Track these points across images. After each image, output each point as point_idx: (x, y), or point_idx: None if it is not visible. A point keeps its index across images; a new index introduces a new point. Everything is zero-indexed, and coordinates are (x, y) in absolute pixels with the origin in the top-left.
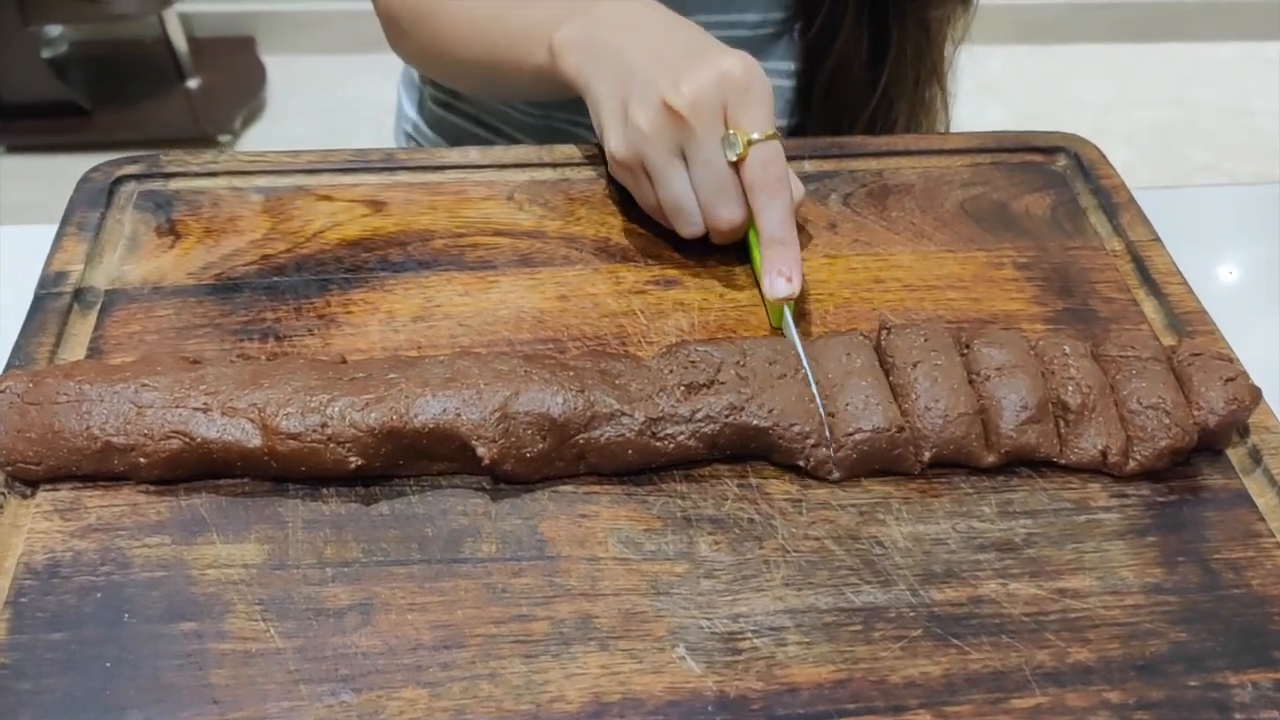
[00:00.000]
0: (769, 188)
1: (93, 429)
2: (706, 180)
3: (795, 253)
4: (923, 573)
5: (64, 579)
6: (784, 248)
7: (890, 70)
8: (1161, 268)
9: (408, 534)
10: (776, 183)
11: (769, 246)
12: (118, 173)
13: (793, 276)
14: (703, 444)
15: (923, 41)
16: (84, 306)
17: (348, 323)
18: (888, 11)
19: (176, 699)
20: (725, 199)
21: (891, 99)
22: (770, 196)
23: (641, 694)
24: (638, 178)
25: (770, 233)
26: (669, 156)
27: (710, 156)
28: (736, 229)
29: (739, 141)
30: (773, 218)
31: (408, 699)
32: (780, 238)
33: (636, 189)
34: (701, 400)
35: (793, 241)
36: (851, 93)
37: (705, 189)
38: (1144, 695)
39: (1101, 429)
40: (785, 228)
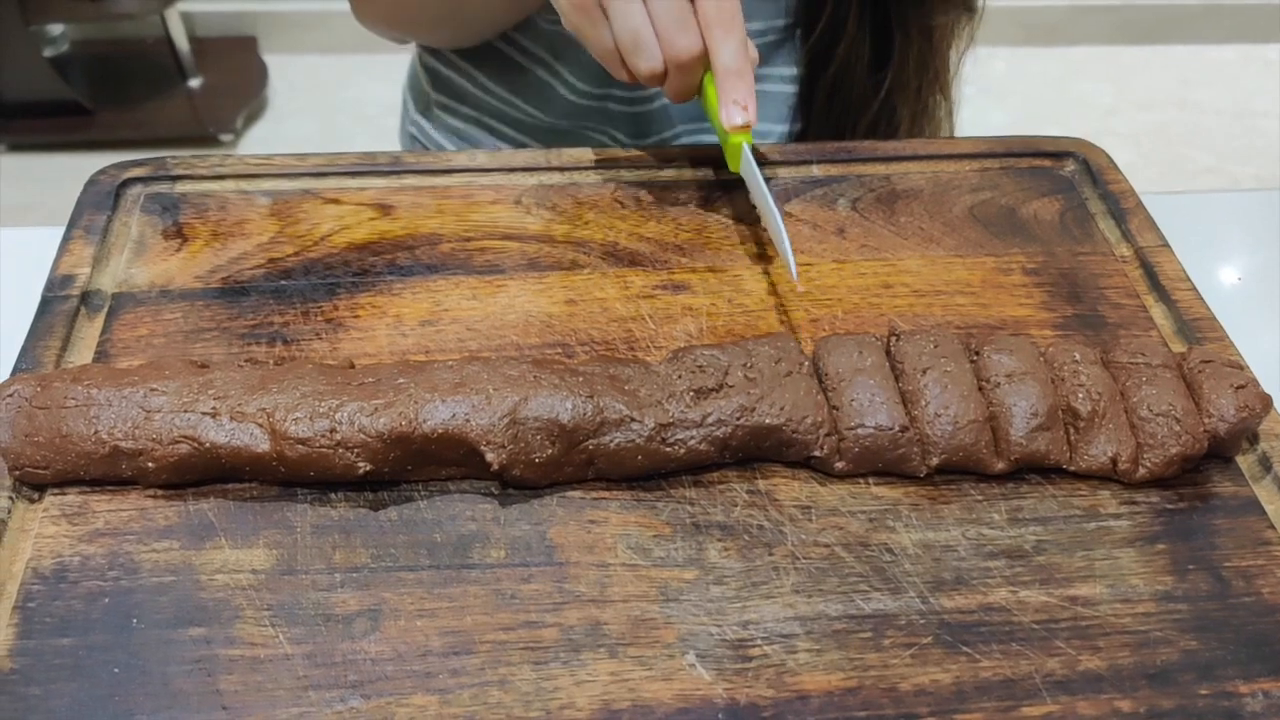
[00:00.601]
0: (724, 22)
1: (101, 433)
2: (663, 10)
3: (750, 84)
4: (932, 580)
5: (72, 584)
6: (739, 78)
7: (893, 77)
8: (1170, 273)
9: (416, 539)
10: (731, 17)
11: (724, 78)
12: (124, 175)
13: (748, 105)
14: (714, 447)
15: (925, 49)
16: (91, 310)
17: (355, 327)
18: (890, 18)
19: (185, 705)
20: (683, 28)
21: (894, 105)
22: (725, 30)
23: (651, 701)
24: (594, 18)
25: (725, 64)
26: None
27: None
28: (691, 61)
29: None
30: (728, 48)
31: (417, 705)
32: (735, 68)
33: (593, 31)
34: (712, 404)
35: (747, 73)
36: (854, 98)
37: (662, 18)
38: (1155, 704)
39: (1112, 436)
40: (740, 59)
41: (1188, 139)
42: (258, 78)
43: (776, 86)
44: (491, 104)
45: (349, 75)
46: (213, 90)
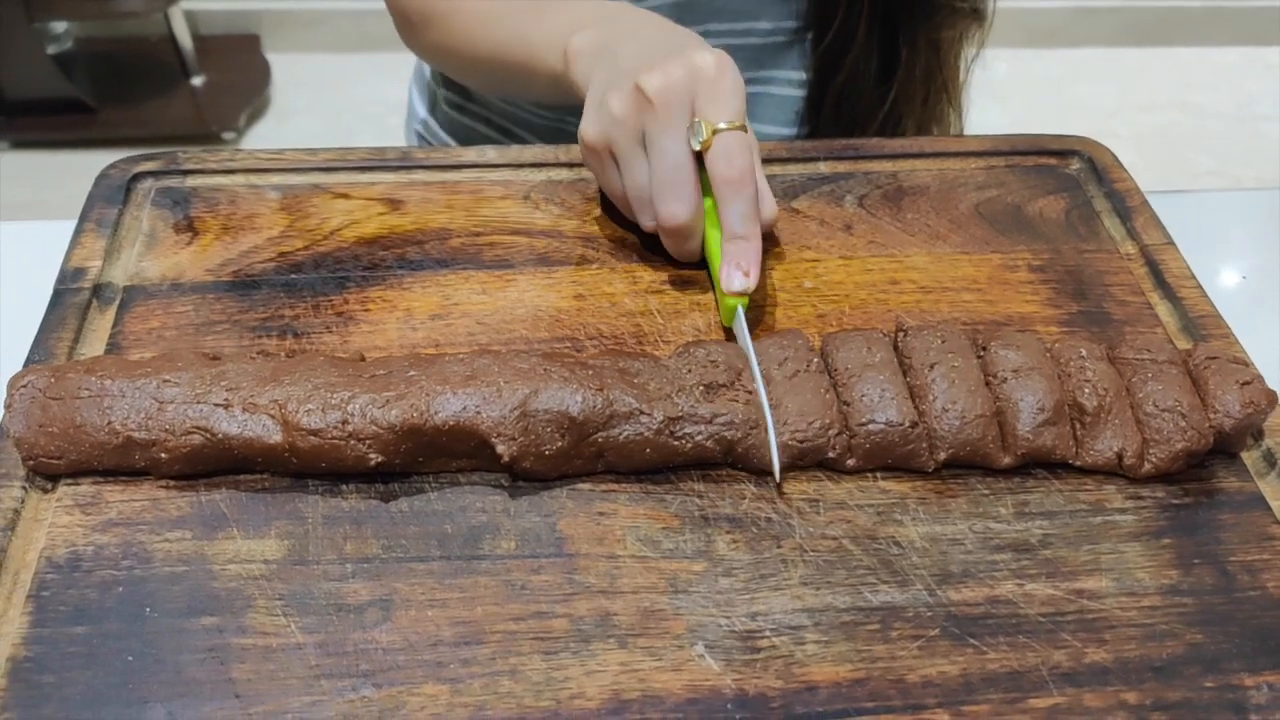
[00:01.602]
0: (733, 181)
1: (114, 424)
2: (661, 168)
3: (756, 249)
4: (940, 573)
5: (85, 573)
6: (745, 243)
7: (899, 86)
8: (1175, 271)
9: (427, 530)
10: (741, 176)
11: (730, 241)
12: (135, 169)
13: (750, 271)
14: (720, 447)
15: (932, 60)
16: (103, 302)
17: (366, 320)
18: (898, 29)
19: (198, 693)
20: (675, 190)
21: (900, 115)
22: (733, 190)
23: (661, 691)
24: (605, 164)
25: (731, 227)
26: (634, 142)
27: (668, 144)
28: (681, 228)
29: (704, 129)
30: (736, 212)
31: (428, 694)
32: (741, 233)
33: (603, 175)
34: (724, 405)
35: (755, 238)
36: (861, 105)
37: (659, 176)
38: (1161, 696)
39: (1117, 431)
40: (747, 223)
41: (1190, 141)
42: (261, 76)
43: (783, 90)
44: (498, 102)
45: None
46: (216, 88)
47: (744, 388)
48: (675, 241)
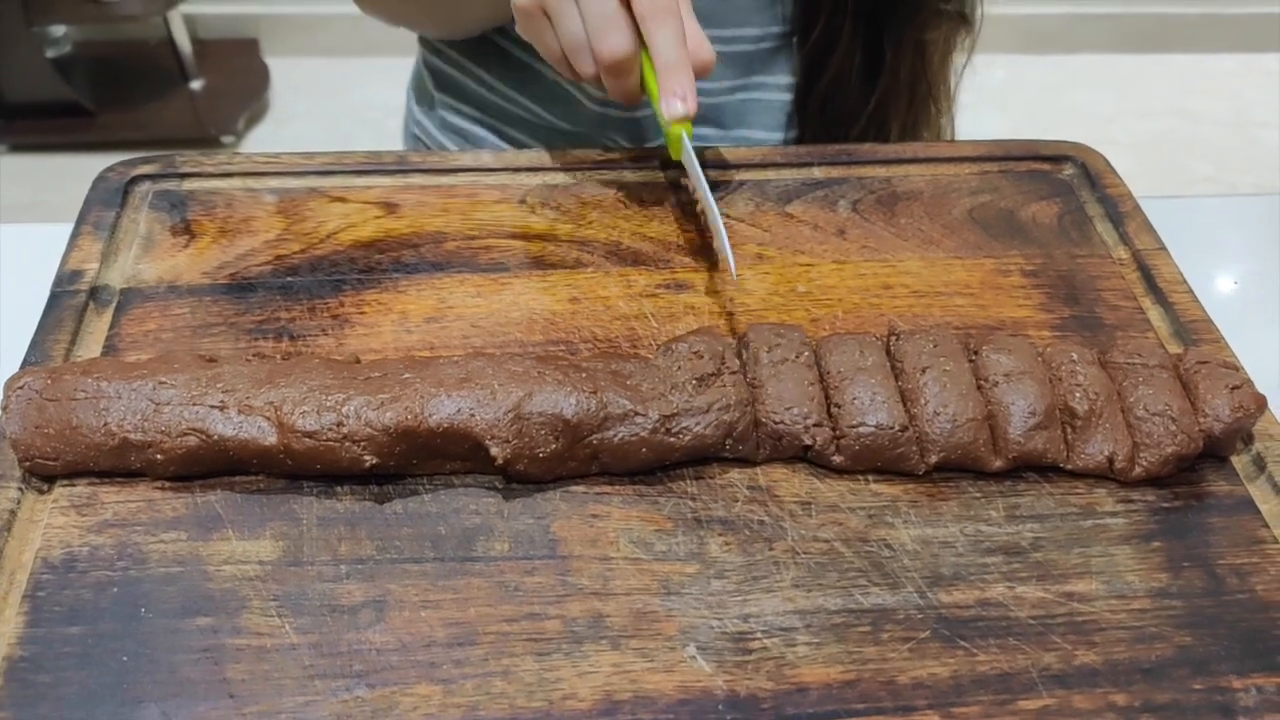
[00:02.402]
0: (657, 15)
1: (110, 425)
2: (592, 14)
3: (689, 75)
4: (931, 575)
5: (81, 574)
6: (677, 69)
7: (883, 89)
8: (1167, 276)
9: (421, 532)
10: (664, 9)
11: (663, 71)
12: (133, 172)
13: (687, 97)
14: (719, 432)
15: (917, 63)
16: (99, 305)
17: (361, 323)
18: (883, 31)
19: (193, 693)
20: (609, 28)
21: (885, 116)
22: (659, 23)
23: (653, 692)
24: (539, 24)
25: (663, 56)
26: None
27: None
28: (620, 62)
29: None
30: (664, 40)
31: (421, 695)
32: (673, 60)
33: (541, 38)
34: (717, 392)
35: (685, 65)
36: (846, 108)
37: (592, 22)
38: (1150, 698)
39: (1108, 435)
40: (676, 50)
41: (1187, 148)
42: (259, 80)
43: (773, 95)
44: (495, 103)
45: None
46: (214, 92)
47: (729, 370)
48: (616, 80)
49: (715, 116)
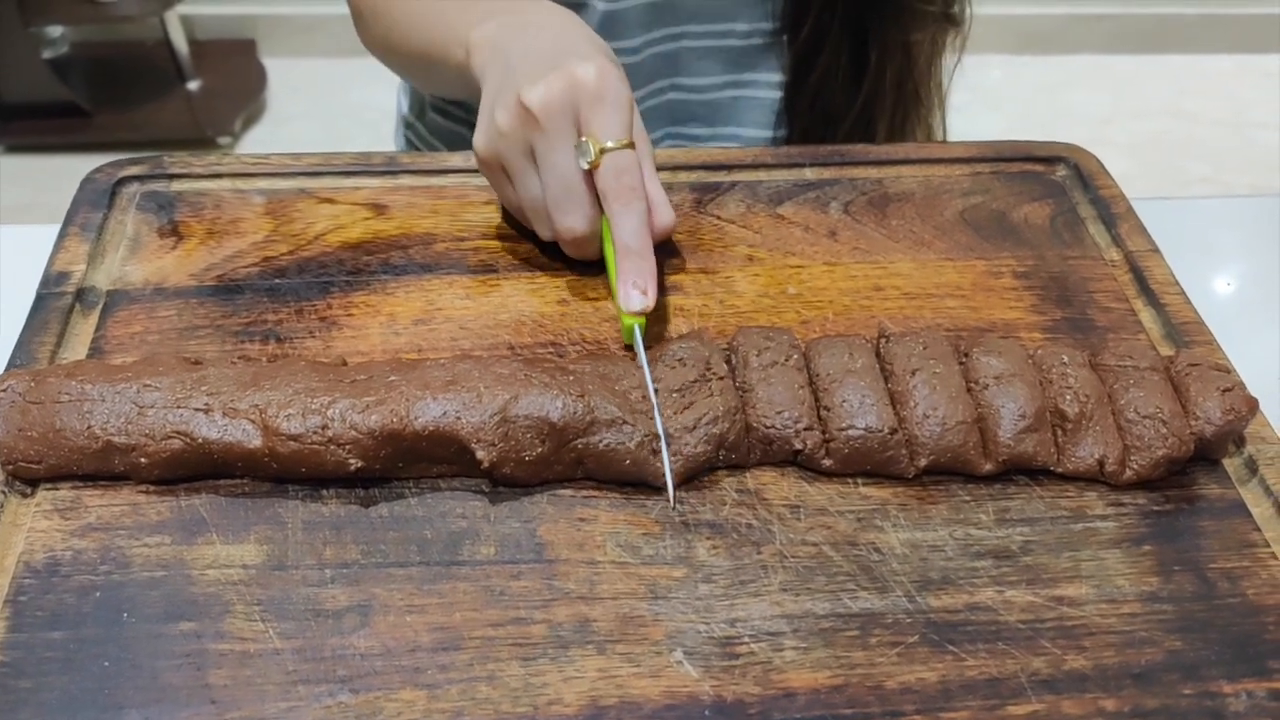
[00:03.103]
0: (622, 196)
1: (94, 428)
2: (552, 185)
3: (650, 265)
4: (920, 579)
5: (64, 578)
6: (639, 259)
7: (870, 88)
8: (1159, 278)
9: (407, 536)
10: (629, 191)
11: (624, 258)
12: (121, 174)
13: (647, 290)
14: (712, 445)
15: (903, 63)
16: (86, 306)
17: (349, 325)
18: (869, 31)
19: (175, 699)
20: (569, 206)
21: (871, 116)
22: (623, 205)
23: (639, 698)
24: (498, 177)
25: (624, 242)
26: (523, 156)
27: (557, 160)
28: (579, 239)
29: (591, 149)
30: (626, 227)
31: (405, 700)
32: (635, 248)
33: (498, 187)
34: (704, 404)
35: (648, 253)
36: (834, 106)
37: (551, 193)
38: (1139, 703)
39: (1099, 438)
40: (639, 238)
41: (1184, 149)
42: (256, 81)
43: (762, 92)
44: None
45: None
46: (211, 93)
47: (716, 376)
48: (574, 249)
49: (705, 113)
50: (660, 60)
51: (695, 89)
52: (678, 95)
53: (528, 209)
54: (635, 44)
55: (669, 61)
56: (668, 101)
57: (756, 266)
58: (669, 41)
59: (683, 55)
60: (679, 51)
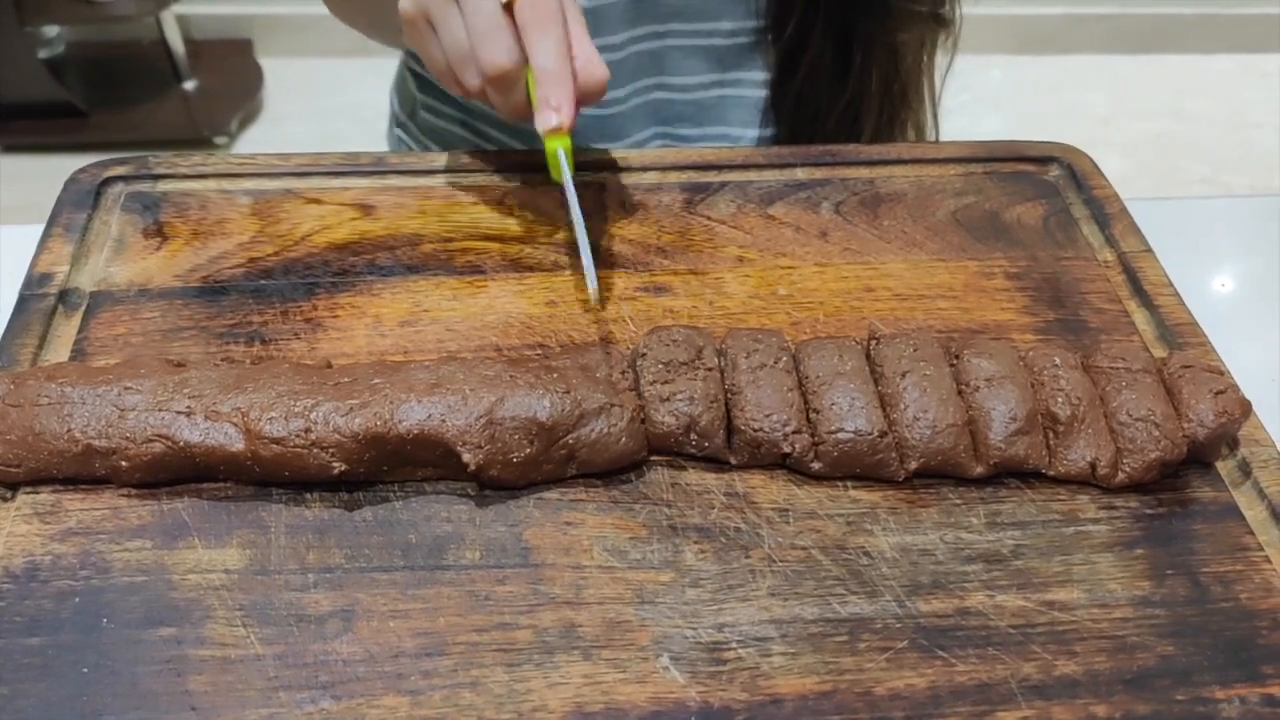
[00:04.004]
0: (539, 24)
1: (74, 431)
2: (475, 23)
3: (567, 86)
4: (909, 583)
5: (42, 583)
6: (554, 79)
7: (854, 88)
8: (1153, 279)
9: (391, 540)
10: (546, 18)
11: (540, 81)
12: (105, 174)
13: (562, 107)
14: (679, 423)
15: (889, 64)
16: (69, 308)
17: (334, 327)
18: (854, 31)
19: (154, 705)
20: (492, 41)
21: (856, 115)
22: (541, 32)
23: (624, 704)
24: (424, 33)
25: (540, 64)
26: (445, 3)
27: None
28: (504, 75)
29: None
30: (542, 50)
31: (388, 706)
32: (551, 70)
33: (426, 49)
34: (684, 383)
35: (564, 75)
36: (820, 105)
37: (475, 33)
38: (1131, 709)
39: (1091, 441)
40: (555, 59)
41: (1183, 149)
42: (253, 81)
43: (749, 91)
44: (476, 105)
45: (344, 79)
46: (208, 93)
47: (704, 365)
48: (501, 94)
49: (692, 113)
50: (645, 58)
51: (681, 88)
52: (664, 94)
53: (453, 57)
54: (618, 40)
55: (654, 60)
56: (654, 100)
57: (747, 267)
58: (653, 39)
59: (668, 54)
60: (664, 50)
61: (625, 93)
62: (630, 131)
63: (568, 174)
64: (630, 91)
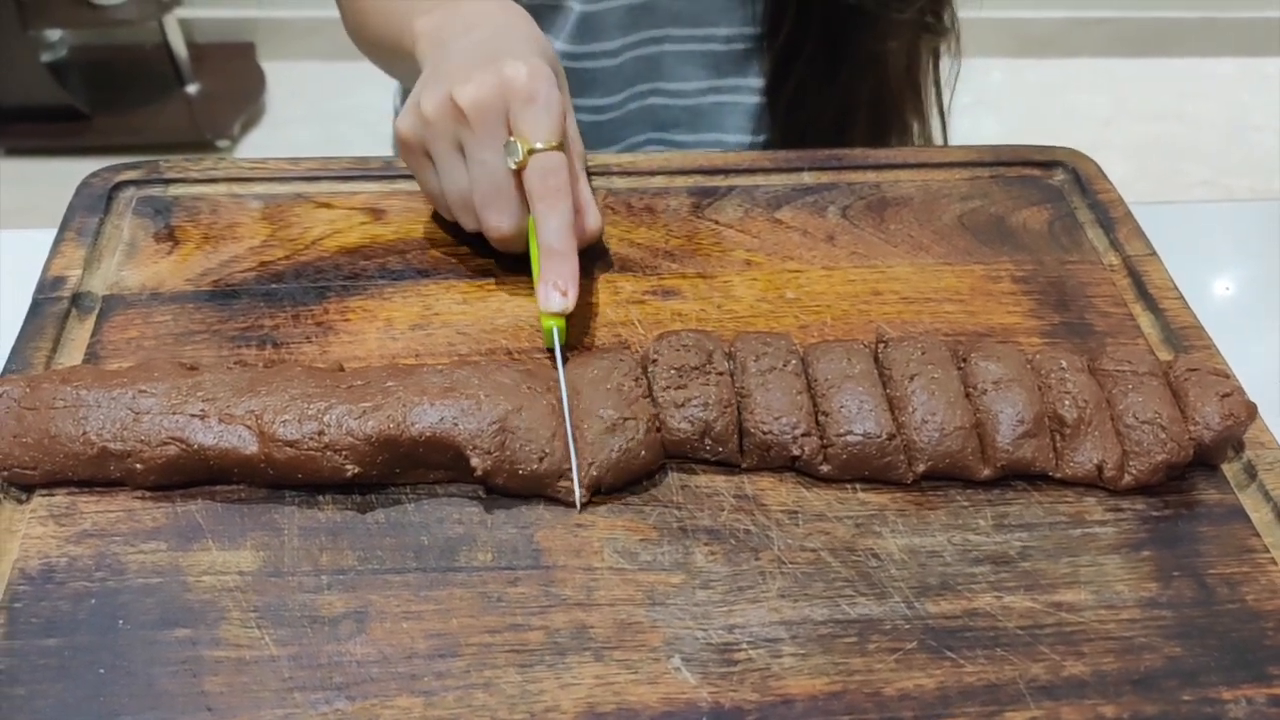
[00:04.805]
0: (548, 197)
1: (89, 434)
2: (481, 182)
3: (572, 266)
4: (918, 585)
5: (59, 585)
6: (561, 260)
7: (846, 95)
8: (1158, 282)
9: (403, 542)
10: (555, 193)
11: (546, 258)
12: (117, 178)
13: (568, 290)
14: (695, 429)
15: (880, 72)
16: (82, 312)
17: (346, 330)
18: (845, 38)
19: (170, 706)
20: (497, 205)
21: (849, 122)
22: (549, 206)
23: (636, 704)
24: (420, 162)
25: (548, 243)
26: (451, 150)
27: (485, 158)
28: (506, 238)
29: (519, 149)
30: (550, 227)
31: (402, 707)
32: (558, 249)
33: (422, 176)
34: (697, 389)
35: (570, 254)
36: (812, 112)
37: (479, 191)
38: (1138, 710)
39: (1097, 443)
40: (563, 239)
41: (1184, 152)
42: (256, 84)
43: (745, 97)
44: None
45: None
46: (210, 96)
47: (715, 370)
48: (500, 246)
49: (687, 119)
50: (642, 64)
51: (677, 94)
52: (660, 100)
53: (452, 200)
54: (615, 46)
55: (650, 65)
56: (649, 106)
57: (754, 271)
58: (650, 45)
59: (664, 60)
60: (660, 56)
61: (621, 98)
62: (624, 136)
63: (559, 355)
64: (626, 97)
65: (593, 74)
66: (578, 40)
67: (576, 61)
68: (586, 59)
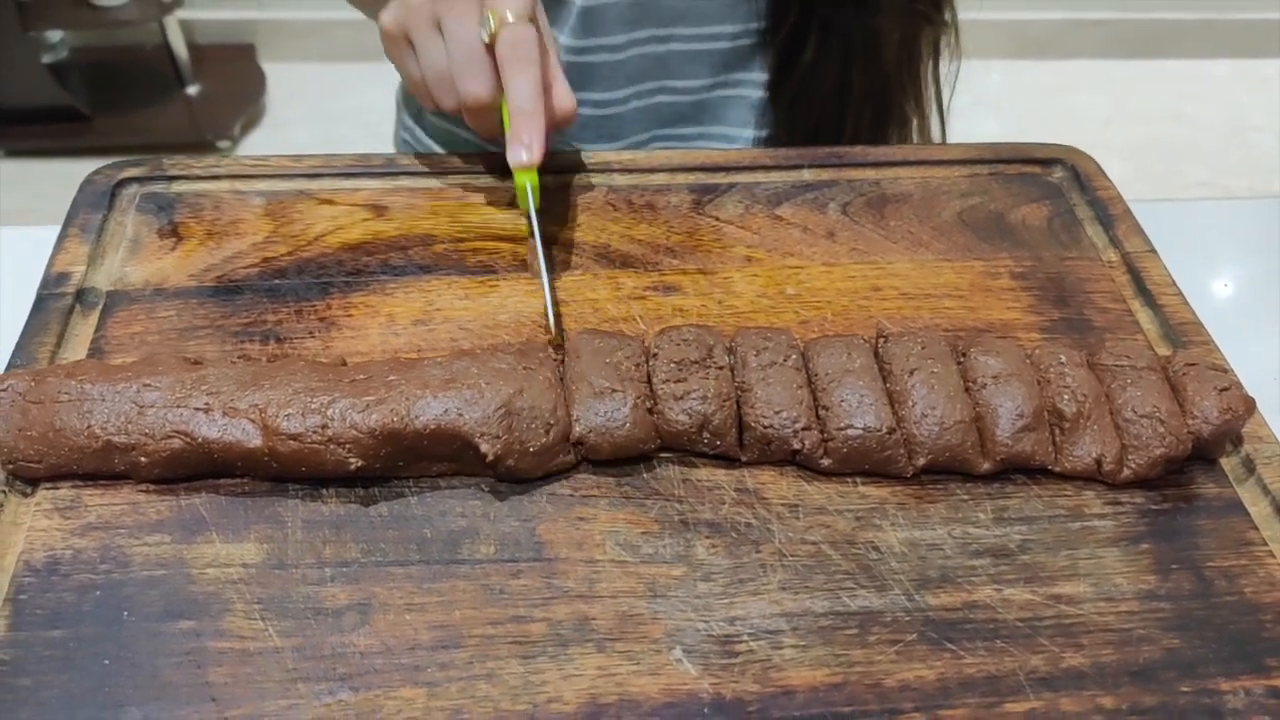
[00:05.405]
0: (516, 63)
1: (94, 428)
2: (456, 52)
3: (539, 124)
4: (918, 577)
5: (63, 577)
6: (528, 119)
7: (846, 90)
8: (1157, 279)
9: (406, 535)
10: (524, 60)
11: (514, 117)
12: (120, 175)
13: (533, 145)
14: (693, 421)
15: (879, 67)
16: (86, 307)
17: (348, 325)
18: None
19: (175, 696)
20: (471, 72)
21: (849, 118)
22: (518, 71)
23: (638, 695)
24: (403, 51)
25: (516, 104)
26: (428, 28)
27: (459, 29)
28: (481, 105)
29: (491, 21)
30: (518, 88)
31: (405, 698)
32: (526, 109)
33: (404, 65)
34: (696, 382)
35: (537, 114)
36: (815, 107)
37: (455, 60)
38: (1137, 701)
39: (1096, 437)
40: (531, 100)
41: (1183, 153)
42: (256, 85)
43: (750, 92)
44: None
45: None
46: (211, 97)
47: (715, 364)
48: (476, 118)
49: (692, 113)
50: (649, 62)
51: (683, 91)
52: (667, 98)
53: (431, 79)
54: (618, 42)
55: (658, 64)
56: (656, 104)
57: (755, 267)
58: (656, 44)
59: (672, 59)
60: (668, 55)
61: (625, 94)
62: (628, 133)
63: (533, 208)
64: (631, 94)
65: (596, 69)
66: (580, 34)
67: (579, 56)
68: (589, 53)
